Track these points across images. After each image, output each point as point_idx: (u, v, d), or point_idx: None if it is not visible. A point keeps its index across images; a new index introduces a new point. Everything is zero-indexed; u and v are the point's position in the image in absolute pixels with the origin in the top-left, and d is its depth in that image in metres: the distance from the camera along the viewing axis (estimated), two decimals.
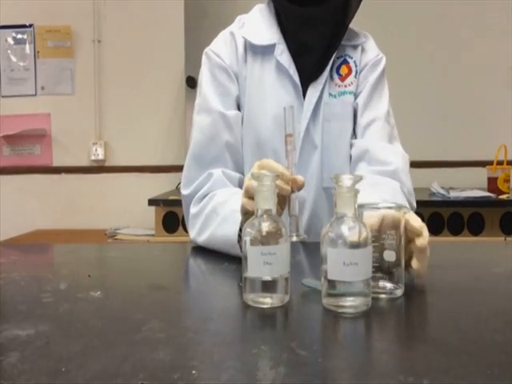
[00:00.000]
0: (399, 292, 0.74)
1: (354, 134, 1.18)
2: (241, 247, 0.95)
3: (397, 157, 1.14)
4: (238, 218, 0.94)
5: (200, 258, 1.08)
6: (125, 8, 2.94)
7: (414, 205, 1.14)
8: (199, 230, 1.08)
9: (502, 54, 2.84)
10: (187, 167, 1.15)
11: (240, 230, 0.95)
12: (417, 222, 0.75)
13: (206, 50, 1.21)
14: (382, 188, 1.03)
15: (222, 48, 1.18)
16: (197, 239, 1.08)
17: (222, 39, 1.20)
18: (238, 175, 1.15)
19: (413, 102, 2.71)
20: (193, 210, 1.11)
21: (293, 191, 0.86)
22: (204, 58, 1.20)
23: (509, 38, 2.82)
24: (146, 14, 2.93)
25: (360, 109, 1.17)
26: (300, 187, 0.86)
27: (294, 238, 0.87)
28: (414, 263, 0.76)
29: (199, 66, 1.22)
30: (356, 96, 1.18)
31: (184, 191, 1.14)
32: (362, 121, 1.16)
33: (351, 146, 1.17)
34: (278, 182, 0.81)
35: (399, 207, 0.74)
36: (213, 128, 1.14)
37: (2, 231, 2.66)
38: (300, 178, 0.85)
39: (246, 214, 0.86)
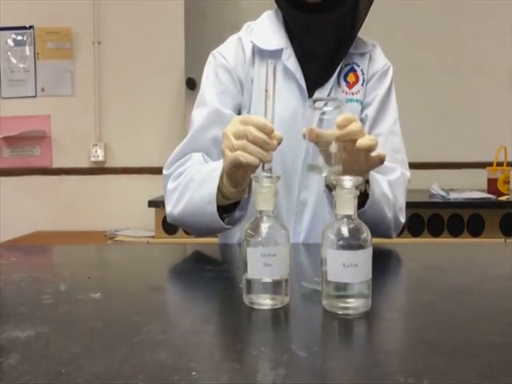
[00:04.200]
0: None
1: None
2: (220, 207, 1.00)
3: (396, 173, 1.16)
4: (217, 174, 0.98)
5: (200, 260, 1.08)
6: (125, 9, 2.94)
7: (402, 221, 1.16)
8: (175, 203, 1.10)
9: (502, 55, 2.84)
10: (173, 152, 1.18)
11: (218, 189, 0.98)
12: (340, 118, 0.84)
13: (213, 51, 1.22)
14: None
15: (228, 50, 1.20)
16: (173, 212, 1.10)
17: (230, 43, 1.22)
18: None
19: (413, 104, 2.71)
20: (170, 185, 1.13)
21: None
22: (210, 58, 1.22)
23: (509, 38, 2.82)
24: (146, 16, 2.93)
25: (367, 122, 1.19)
26: (279, 141, 0.86)
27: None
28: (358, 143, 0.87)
29: (199, 67, 1.23)
30: (364, 106, 1.20)
31: (165, 171, 1.17)
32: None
33: None
34: (260, 134, 0.84)
35: (340, 102, 0.86)
36: (204, 121, 1.15)
37: (2, 232, 2.66)
38: (279, 133, 0.85)
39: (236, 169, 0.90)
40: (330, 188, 1.09)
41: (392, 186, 1.13)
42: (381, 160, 0.92)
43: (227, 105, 1.16)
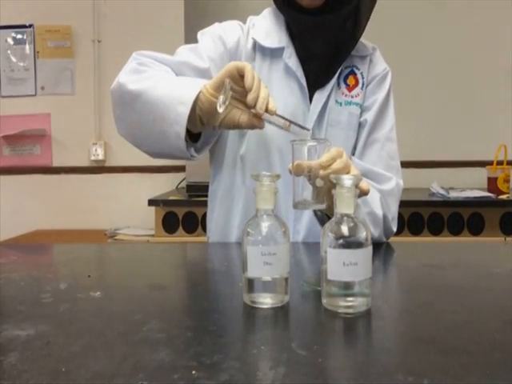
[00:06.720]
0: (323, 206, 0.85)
1: (354, 147, 1.19)
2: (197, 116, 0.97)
3: (390, 183, 1.16)
4: (198, 88, 0.96)
5: (199, 258, 1.08)
6: (125, 8, 2.94)
7: (394, 230, 1.16)
8: (135, 80, 1.04)
9: (502, 53, 2.84)
10: (154, 51, 1.14)
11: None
12: (324, 157, 0.84)
13: (217, 24, 1.20)
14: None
15: (232, 33, 1.18)
16: (128, 85, 1.04)
17: (234, 28, 1.20)
18: None
19: (412, 102, 2.71)
20: (135, 65, 1.08)
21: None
22: (213, 26, 1.20)
23: (509, 37, 2.81)
24: (146, 14, 2.93)
25: (366, 127, 1.18)
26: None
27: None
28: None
29: None
30: (363, 109, 1.20)
31: (136, 54, 1.12)
32: (364, 139, 1.18)
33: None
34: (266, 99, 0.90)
35: (324, 141, 0.88)
36: (196, 65, 1.12)
37: (2, 231, 2.66)
38: (273, 107, 0.91)
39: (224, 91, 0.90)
40: (317, 215, 1.11)
41: (386, 196, 1.13)
42: (364, 193, 0.90)
43: (213, 72, 1.13)
